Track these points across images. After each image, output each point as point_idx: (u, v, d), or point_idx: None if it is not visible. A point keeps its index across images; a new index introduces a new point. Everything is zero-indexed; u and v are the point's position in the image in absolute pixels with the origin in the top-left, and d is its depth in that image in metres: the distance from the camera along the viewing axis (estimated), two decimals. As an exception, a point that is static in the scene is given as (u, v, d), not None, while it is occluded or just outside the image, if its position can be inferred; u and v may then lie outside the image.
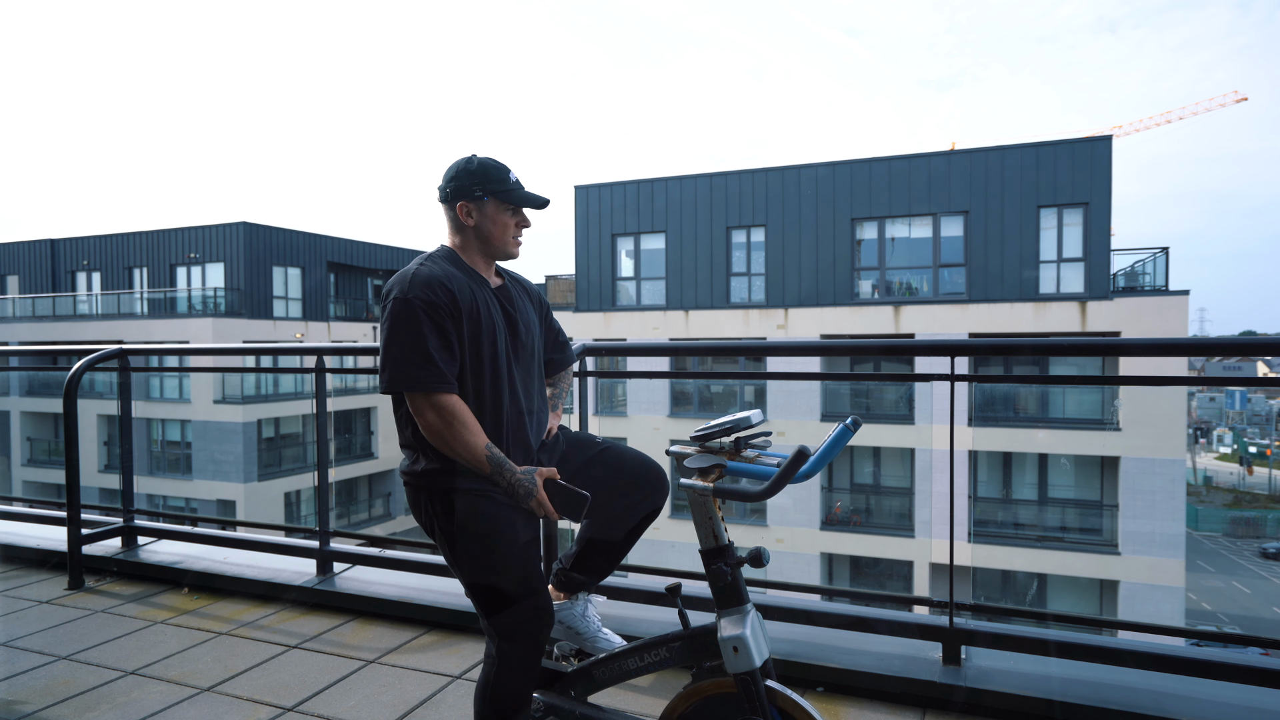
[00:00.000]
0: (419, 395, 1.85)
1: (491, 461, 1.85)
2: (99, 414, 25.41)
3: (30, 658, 3.00)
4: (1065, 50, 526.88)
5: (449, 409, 1.84)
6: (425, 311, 1.85)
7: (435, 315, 1.86)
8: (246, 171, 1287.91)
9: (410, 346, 1.84)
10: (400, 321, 1.86)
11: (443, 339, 1.86)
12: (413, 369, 1.84)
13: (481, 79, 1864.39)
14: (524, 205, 2.03)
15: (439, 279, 1.89)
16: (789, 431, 18.04)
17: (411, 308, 1.85)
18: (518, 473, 1.87)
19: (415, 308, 1.85)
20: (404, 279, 1.90)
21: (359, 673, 2.81)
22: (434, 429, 1.85)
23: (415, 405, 1.86)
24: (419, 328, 1.84)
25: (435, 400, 1.84)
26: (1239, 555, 41.35)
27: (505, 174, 2.02)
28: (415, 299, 1.85)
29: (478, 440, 1.85)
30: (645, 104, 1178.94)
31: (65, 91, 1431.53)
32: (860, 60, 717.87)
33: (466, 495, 1.89)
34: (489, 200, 2.00)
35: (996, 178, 18.77)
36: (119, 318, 27.30)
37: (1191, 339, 3.66)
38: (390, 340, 1.87)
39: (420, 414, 1.86)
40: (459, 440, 1.84)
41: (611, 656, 1.95)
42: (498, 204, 2.01)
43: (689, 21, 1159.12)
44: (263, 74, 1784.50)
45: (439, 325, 1.86)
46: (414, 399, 1.86)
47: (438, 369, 1.84)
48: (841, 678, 2.56)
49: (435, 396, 1.84)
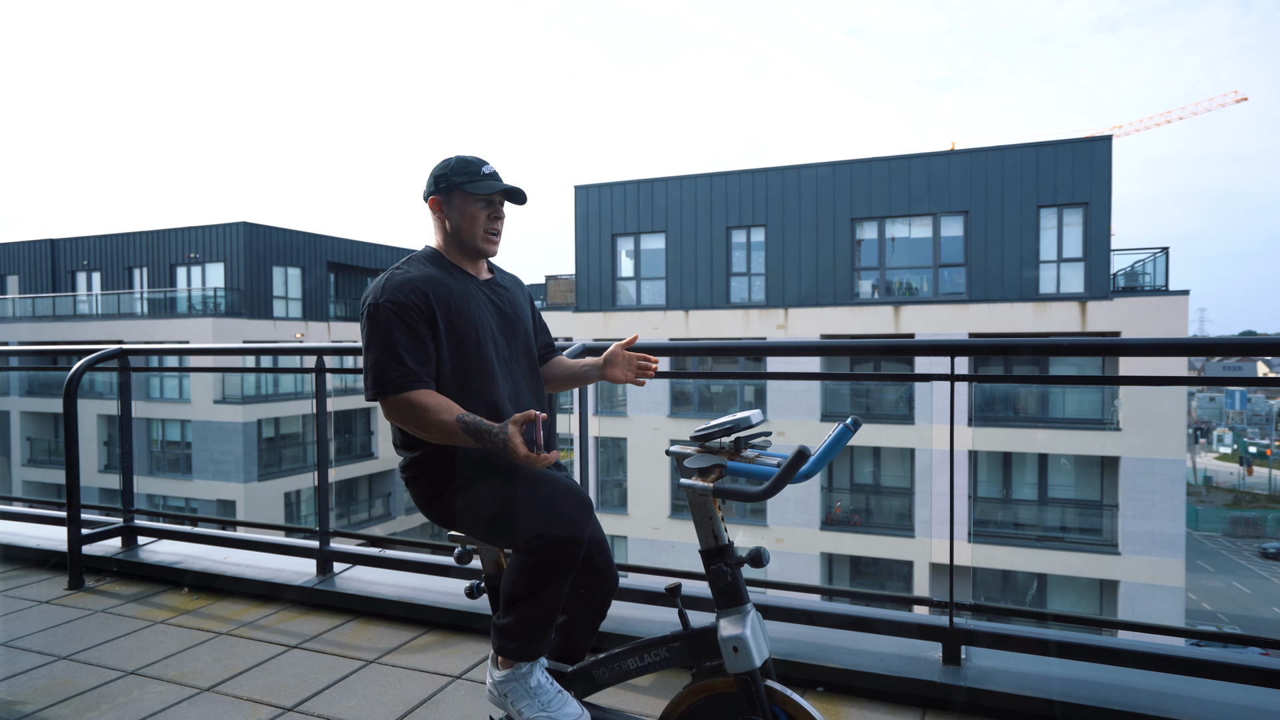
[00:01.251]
0: (390, 398, 1.86)
1: (467, 428, 1.79)
2: (99, 414, 25.42)
3: (30, 658, 3.00)
4: (1066, 50, 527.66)
5: (419, 403, 1.84)
6: (395, 315, 1.88)
7: (405, 317, 1.88)
8: (246, 171, 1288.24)
9: (380, 351, 1.87)
10: (373, 328, 1.89)
11: (414, 339, 1.88)
12: (382, 373, 1.86)
13: (482, 79, 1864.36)
14: (488, 194, 2.00)
15: (411, 281, 1.92)
16: (789, 431, 18.04)
17: (380, 312, 1.88)
18: (494, 428, 1.78)
19: (384, 312, 1.88)
20: (378, 284, 1.93)
21: (359, 673, 2.81)
22: (411, 423, 1.86)
23: (385, 409, 1.89)
24: (390, 332, 1.87)
25: (404, 399, 1.85)
26: (1239, 555, 41.34)
27: (477, 166, 2.01)
28: (384, 303, 1.89)
29: (448, 417, 1.82)
30: (645, 104, 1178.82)
31: (65, 91, 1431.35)
32: (860, 60, 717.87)
33: (466, 454, 1.94)
34: (456, 192, 2.01)
35: (996, 178, 18.77)
36: (119, 318, 27.30)
37: (1191, 339, 3.66)
38: (367, 349, 1.90)
39: (391, 415, 1.89)
40: (432, 424, 1.83)
41: (611, 656, 1.95)
42: (464, 195, 2.01)
43: (689, 21, 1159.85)
44: (263, 74, 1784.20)
45: (410, 326, 1.88)
46: (385, 403, 1.88)
47: (408, 368, 1.86)
48: (841, 678, 2.56)
49: (404, 395, 1.85)
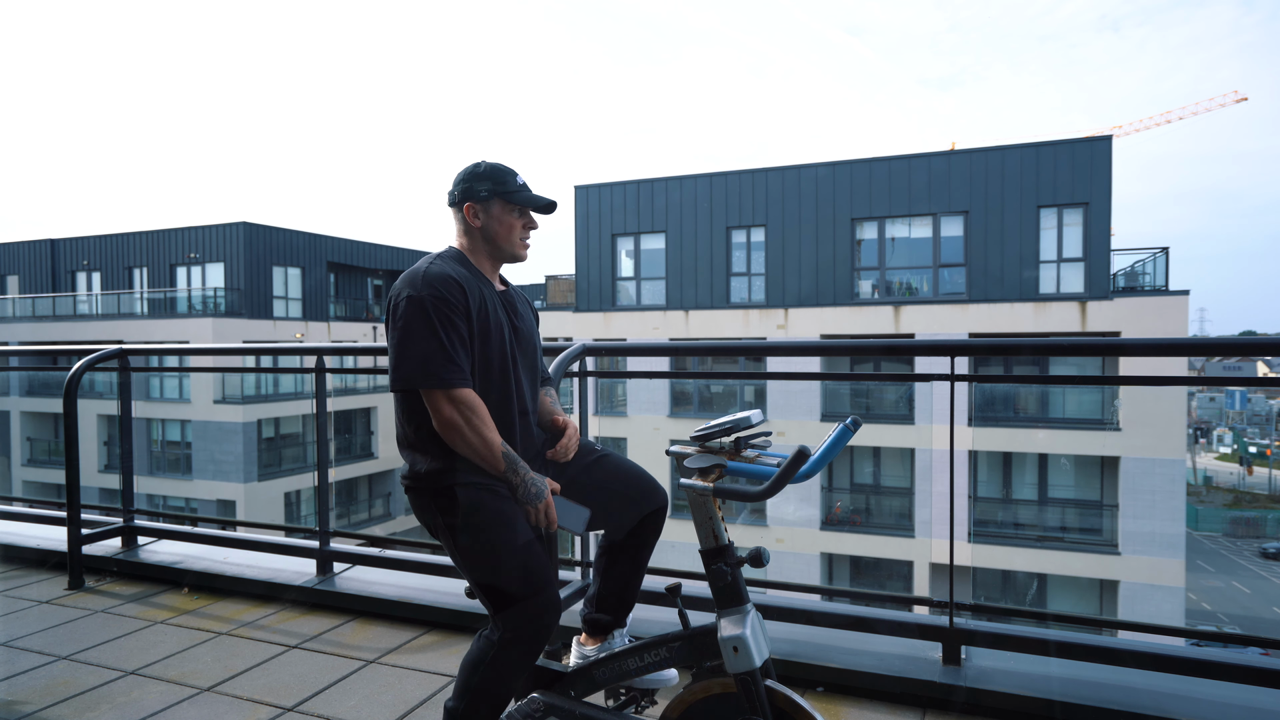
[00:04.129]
0: (437, 392, 1.84)
1: (506, 458, 1.85)
2: (99, 414, 25.41)
3: (30, 658, 3.00)
4: (1068, 49, 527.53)
5: (468, 403, 1.84)
6: (437, 308, 1.85)
7: (448, 312, 1.86)
8: (246, 171, 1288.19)
9: (425, 343, 1.84)
10: (414, 319, 1.86)
11: (456, 335, 1.87)
12: (430, 365, 1.83)
13: (482, 78, 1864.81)
14: (528, 207, 2.04)
15: (450, 276, 1.90)
16: (789, 431, 18.03)
17: (423, 305, 1.85)
18: (530, 473, 1.87)
19: (427, 305, 1.85)
20: (414, 277, 1.90)
21: (359, 673, 2.81)
22: (452, 424, 1.84)
23: (433, 402, 1.85)
24: (432, 324, 1.85)
25: (454, 395, 1.84)
26: (1239, 555, 41.34)
27: (512, 176, 2.04)
28: (427, 297, 1.86)
29: (495, 436, 1.86)
30: (645, 103, 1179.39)
31: (65, 91, 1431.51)
32: (861, 59, 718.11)
33: (469, 489, 1.88)
34: (495, 201, 2.02)
35: (996, 178, 18.77)
36: (119, 318, 27.30)
37: (1191, 339, 3.66)
38: (404, 338, 1.86)
39: (438, 410, 1.85)
40: (477, 434, 1.83)
41: (611, 656, 1.95)
42: (503, 205, 2.02)
43: (690, 20, 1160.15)
44: (263, 74, 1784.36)
45: (451, 322, 1.86)
46: (431, 395, 1.85)
47: (455, 364, 1.84)
48: (841, 678, 2.56)
49: (454, 391, 1.84)
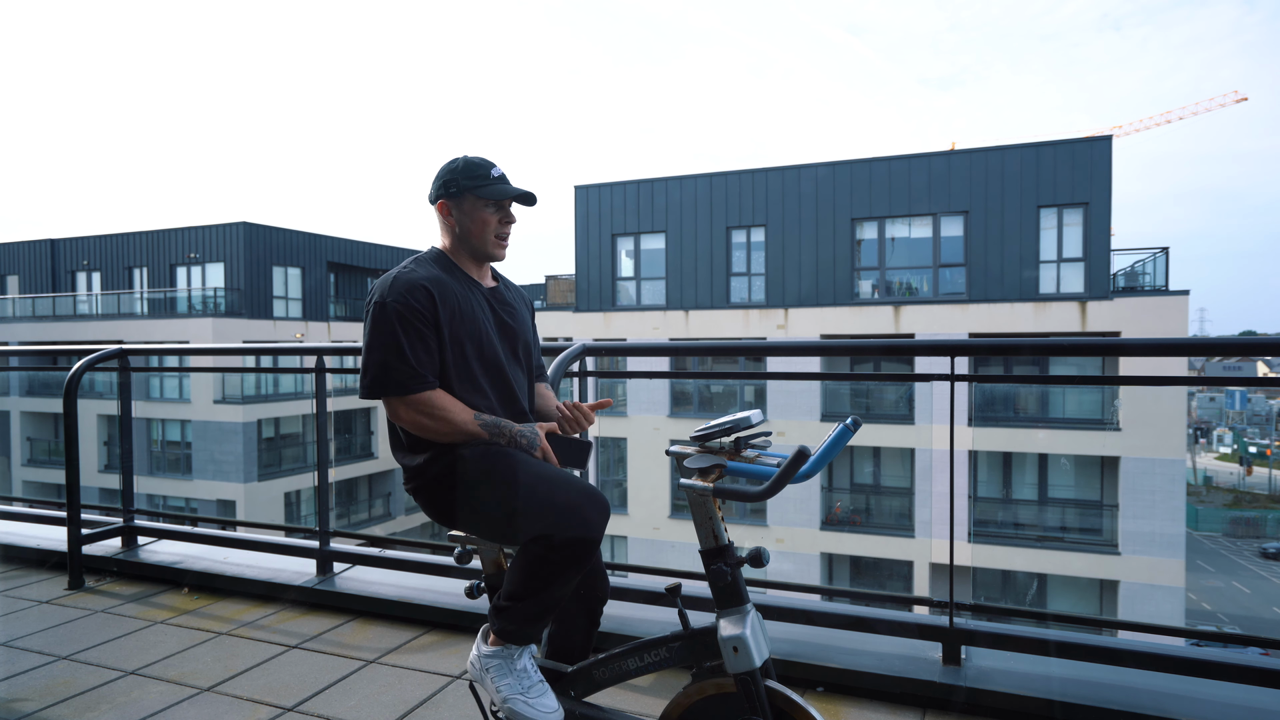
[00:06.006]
0: (393, 399, 1.84)
1: (485, 425, 1.85)
2: (99, 414, 25.41)
3: (30, 658, 3.00)
4: (1069, 48, 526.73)
5: (427, 402, 1.84)
6: (400, 316, 1.84)
7: (411, 318, 1.85)
8: (246, 171, 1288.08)
9: (384, 351, 1.84)
10: (377, 327, 1.86)
11: (420, 341, 1.85)
12: (387, 373, 1.83)
13: (481, 78, 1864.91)
14: (499, 199, 1.97)
15: (418, 282, 1.88)
16: (789, 431, 18.03)
17: (387, 312, 1.85)
18: (516, 426, 1.86)
19: (389, 312, 1.85)
20: (384, 284, 1.89)
21: (359, 673, 2.81)
22: (416, 425, 1.85)
23: (391, 409, 1.86)
24: (394, 331, 1.84)
25: (411, 400, 1.84)
26: (1239, 555, 41.34)
27: (486, 169, 1.97)
28: (390, 304, 1.85)
29: (464, 415, 1.85)
30: (645, 103, 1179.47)
31: (65, 91, 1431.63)
32: (862, 58, 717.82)
33: (472, 449, 1.87)
34: (466, 196, 1.97)
35: (996, 178, 18.77)
36: (119, 318, 27.30)
37: (1191, 339, 3.66)
38: (367, 347, 1.87)
39: (397, 416, 1.86)
40: (445, 423, 1.83)
41: (611, 656, 1.95)
42: (475, 200, 1.97)
43: (690, 19, 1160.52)
44: (263, 74, 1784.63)
45: (415, 328, 1.85)
46: (389, 403, 1.85)
47: (413, 369, 1.83)
48: (841, 678, 2.56)
49: (412, 396, 1.83)
